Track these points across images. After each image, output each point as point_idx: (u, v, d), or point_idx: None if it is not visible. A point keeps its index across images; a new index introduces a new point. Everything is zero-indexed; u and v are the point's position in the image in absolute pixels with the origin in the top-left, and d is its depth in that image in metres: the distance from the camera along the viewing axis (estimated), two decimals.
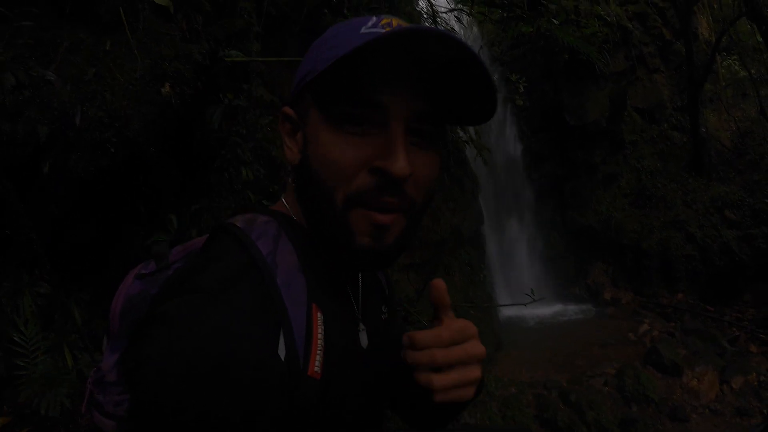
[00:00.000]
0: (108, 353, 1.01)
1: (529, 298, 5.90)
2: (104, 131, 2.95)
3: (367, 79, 0.79)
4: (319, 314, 0.82)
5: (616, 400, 7.75)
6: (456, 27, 8.08)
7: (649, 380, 8.06)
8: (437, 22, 7.72)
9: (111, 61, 3.10)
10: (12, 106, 2.61)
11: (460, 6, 7.35)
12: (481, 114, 0.89)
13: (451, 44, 0.75)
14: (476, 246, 11.88)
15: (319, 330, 0.81)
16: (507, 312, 11.02)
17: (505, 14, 7.31)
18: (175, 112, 3.46)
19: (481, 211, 12.12)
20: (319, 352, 0.79)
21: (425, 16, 7.95)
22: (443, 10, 7.70)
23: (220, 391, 0.66)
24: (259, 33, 5.11)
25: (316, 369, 0.78)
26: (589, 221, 14.15)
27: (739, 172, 13.58)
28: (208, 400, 0.66)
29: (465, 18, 7.52)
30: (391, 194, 0.82)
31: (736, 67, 15.85)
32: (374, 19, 0.83)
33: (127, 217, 3.55)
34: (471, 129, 9.41)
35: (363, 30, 0.81)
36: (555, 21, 6.56)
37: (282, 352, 0.74)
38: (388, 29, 0.80)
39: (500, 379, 7.94)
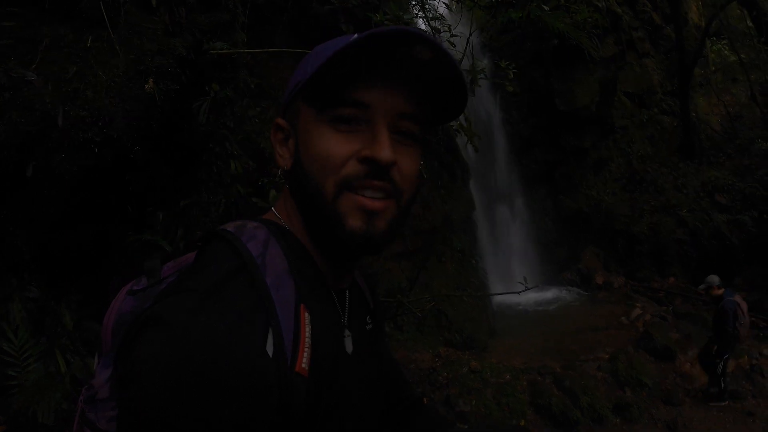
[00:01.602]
0: (100, 370, 0.99)
1: (521, 286, 5.87)
2: (87, 131, 2.89)
3: (353, 81, 0.86)
4: (306, 314, 0.83)
5: (610, 385, 7.77)
6: (444, 13, 7.98)
7: (642, 365, 8.10)
8: (425, 8, 7.63)
9: (92, 57, 3.03)
10: None
11: None
12: (454, 109, 0.98)
13: (417, 40, 0.83)
14: (468, 233, 11.89)
15: (307, 329, 0.82)
16: (500, 298, 11.03)
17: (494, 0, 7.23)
18: (159, 107, 3.40)
19: (472, 197, 12.12)
20: (306, 349, 0.81)
21: (414, 2, 7.86)
22: None
23: (213, 390, 0.67)
24: (245, 23, 5.03)
25: (303, 365, 0.79)
26: (580, 206, 14.19)
27: (729, 157, 13.64)
28: (200, 400, 0.67)
29: (453, 4, 7.40)
30: (379, 178, 0.87)
31: (726, 52, 15.87)
32: (356, 35, 0.86)
33: (115, 217, 3.50)
34: (462, 116, 9.35)
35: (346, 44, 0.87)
36: (545, 7, 6.48)
37: (270, 349, 0.76)
38: None
39: (495, 365, 7.94)
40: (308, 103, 0.91)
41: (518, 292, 6.01)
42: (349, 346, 1.00)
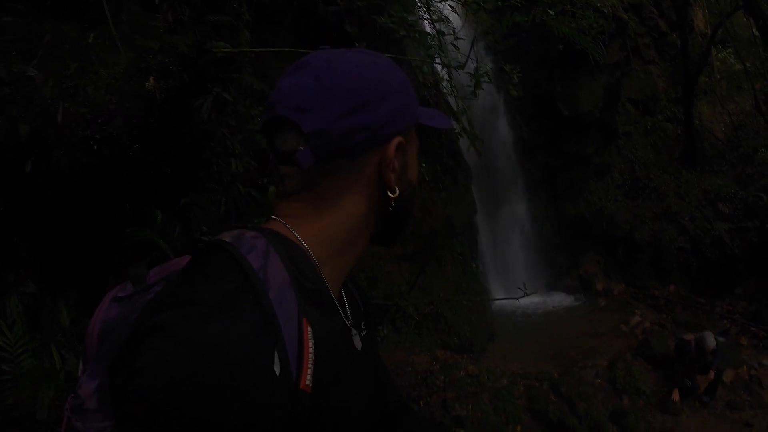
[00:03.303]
0: (86, 379, 0.95)
1: (521, 291, 5.86)
2: (87, 128, 2.88)
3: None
4: (309, 329, 0.83)
5: (607, 392, 7.75)
6: (450, 15, 7.97)
7: (640, 372, 8.07)
8: (431, 11, 7.62)
9: (94, 54, 3.03)
10: None
11: None
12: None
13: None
14: (469, 236, 11.87)
15: (310, 344, 0.82)
16: (499, 302, 11.03)
17: (500, 3, 7.22)
18: (160, 106, 3.39)
19: (474, 201, 12.10)
20: (310, 366, 0.81)
21: (419, 4, 7.84)
22: None
23: (220, 403, 0.67)
24: (249, 22, 5.02)
25: (307, 383, 0.80)
26: (581, 212, 14.16)
27: (732, 165, 13.61)
28: (207, 411, 0.67)
29: (459, 7, 7.38)
30: None
31: (731, 60, 15.81)
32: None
33: (113, 216, 3.49)
34: (464, 119, 9.34)
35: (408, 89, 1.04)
36: (551, 12, 6.47)
37: (277, 368, 0.76)
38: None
39: (492, 370, 7.93)
40: (416, 134, 1.07)
41: (517, 298, 6.00)
42: (358, 343, 1.04)
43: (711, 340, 7.73)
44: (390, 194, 1.01)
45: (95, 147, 2.91)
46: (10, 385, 3.04)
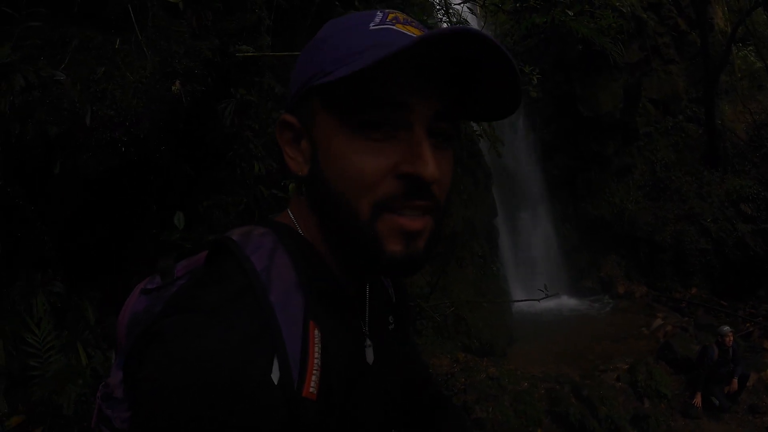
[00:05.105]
0: (115, 369, 0.98)
1: (542, 293, 5.82)
2: (114, 130, 2.94)
3: (392, 83, 0.75)
4: (316, 332, 0.78)
5: (629, 396, 7.70)
6: (469, 18, 7.98)
7: (662, 376, 8.01)
8: (449, 13, 7.64)
9: (120, 59, 3.09)
10: (22, 108, 2.60)
11: None
12: (501, 109, 0.86)
13: (480, 43, 0.73)
14: (489, 238, 11.84)
15: (316, 349, 0.77)
16: (519, 304, 10.98)
17: (518, 5, 7.22)
18: (185, 109, 3.44)
19: (495, 203, 12.06)
20: (315, 372, 0.76)
21: (438, 6, 7.85)
22: (456, 1, 7.61)
23: (214, 416, 0.65)
24: (270, 27, 5.06)
25: (311, 390, 0.75)
26: (602, 213, 14.05)
27: (755, 165, 13.41)
28: (202, 423, 0.65)
29: (477, 9, 7.41)
30: (421, 197, 0.78)
31: (752, 58, 15.59)
32: (380, 14, 0.80)
33: (138, 215, 3.55)
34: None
35: (372, 27, 0.78)
36: (569, 12, 6.45)
37: (276, 376, 0.72)
38: (399, 26, 0.78)
39: (513, 372, 7.91)
40: (329, 104, 0.80)
41: (538, 300, 5.97)
42: (370, 356, 0.96)
43: (725, 329, 7.77)
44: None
45: (123, 149, 2.97)
46: (37, 381, 3.11)
